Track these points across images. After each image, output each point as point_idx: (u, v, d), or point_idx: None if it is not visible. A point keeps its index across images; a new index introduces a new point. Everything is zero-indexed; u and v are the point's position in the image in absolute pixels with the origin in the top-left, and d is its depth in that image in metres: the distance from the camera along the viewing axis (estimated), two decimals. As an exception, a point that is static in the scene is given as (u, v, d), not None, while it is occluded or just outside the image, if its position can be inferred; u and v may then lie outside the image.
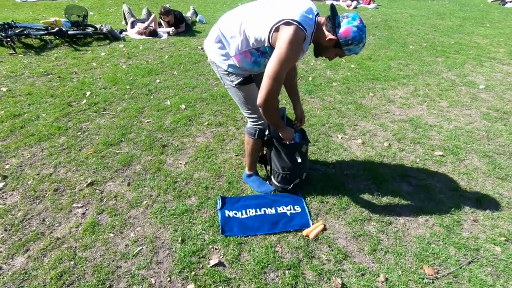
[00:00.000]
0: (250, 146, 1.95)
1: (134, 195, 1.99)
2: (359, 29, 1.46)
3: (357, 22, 1.46)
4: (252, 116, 1.81)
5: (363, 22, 1.49)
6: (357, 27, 1.46)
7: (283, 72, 1.46)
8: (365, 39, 1.50)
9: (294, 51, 1.43)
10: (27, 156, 2.28)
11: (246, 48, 1.56)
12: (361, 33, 1.47)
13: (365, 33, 1.49)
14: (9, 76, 3.50)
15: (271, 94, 1.49)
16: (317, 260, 1.62)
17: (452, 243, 1.74)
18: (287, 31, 1.40)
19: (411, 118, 3.01)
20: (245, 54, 1.58)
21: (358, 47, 1.50)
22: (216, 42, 1.65)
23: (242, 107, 1.81)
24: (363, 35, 1.48)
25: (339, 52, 1.55)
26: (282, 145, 1.85)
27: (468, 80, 3.89)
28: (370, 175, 2.24)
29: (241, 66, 1.63)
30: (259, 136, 1.87)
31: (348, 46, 1.50)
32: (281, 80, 1.48)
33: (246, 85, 1.72)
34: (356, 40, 1.47)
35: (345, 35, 1.47)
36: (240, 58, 1.60)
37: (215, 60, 1.68)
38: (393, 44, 5.17)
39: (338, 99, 3.32)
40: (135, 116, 2.85)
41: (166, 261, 1.59)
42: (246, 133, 1.90)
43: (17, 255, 1.59)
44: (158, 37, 5.01)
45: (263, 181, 2.09)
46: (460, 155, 2.49)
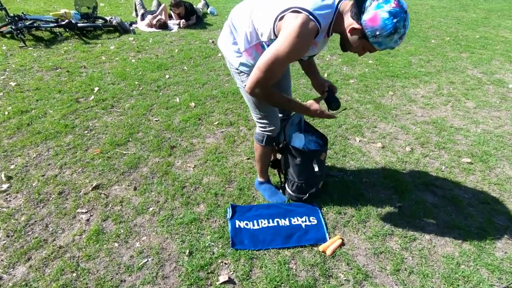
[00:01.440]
0: (259, 153, 1.81)
1: (141, 200, 1.90)
2: (392, 15, 1.12)
3: (391, 6, 1.12)
4: (261, 121, 1.67)
5: (404, 5, 1.13)
6: (390, 13, 1.12)
7: (278, 67, 1.26)
8: (402, 29, 1.15)
9: (297, 45, 1.20)
10: (32, 156, 2.21)
11: (256, 41, 1.40)
12: (395, 21, 1.12)
13: (402, 21, 1.13)
14: (18, 70, 3.45)
15: (255, 86, 1.31)
16: (335, 280, 1.49)
17: (485, 264, 1.58)
18: (292, 21, 1.19)
19: (434, 120, 2.81)
20: (256, 48, 1.42)
21: (392, 39, 1.17)
22: (229, 37, 1.51)
23: (252, 110, 1.67)
24: (398, 24, 1.13)
25: (367, 46, 1.24)
26: (298, 152, 1.71)
27: (496, 78, 3.63)
28: (391, 184, 2.08)
29: (253, 63, 1.46)
30: (267, 143, 1.73)
31: (376, 38, 1.18)
32: (272, 74, 1.28)
33: None
34: (387, 30, 1.14)
35: (371, 24, 1.16)
36: (251, 52, 1.44)
37: (228, 57, 1.55)
38: (414, 38, 4.89)
39: (356, 97, 3.13)
40: (143, 114, 2.75)
41: (173, 275, 1.50)
42: (254, 138, 1.77)
43: (19, 264, 1.52)
44: (168, 30, 4.88)
45: (276, 190, 1.95)
46: (490, 162, 2.29)
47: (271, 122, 1.67)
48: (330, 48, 4.38)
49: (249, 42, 1.42)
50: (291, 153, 1.73)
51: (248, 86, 1.35)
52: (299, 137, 1.78)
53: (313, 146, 1.80)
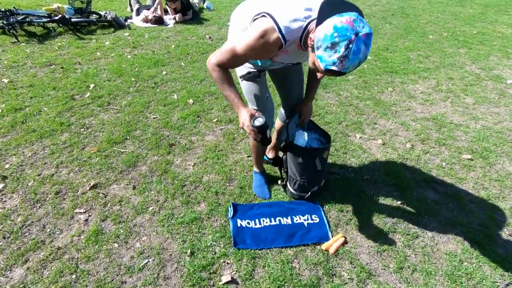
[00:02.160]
0: (251, 145, 1.86)
1: (140, 199, 1.86)
2: (335, 30, 1.00)
3: (340, 21, 1.00)
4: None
5: (356, 27, 1.00)
6: (335, 27, 1.00)
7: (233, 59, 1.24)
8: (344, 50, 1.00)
9: (253, 47, 1.19)
10: (28, 155, 2.16)
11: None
12: (335, 36, 0.99)
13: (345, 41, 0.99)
14: (11, 66, 3.36)
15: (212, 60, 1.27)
16: (339, 279, 1.48)
17: (487, 261, 1.58)
18: (258, 24, 1.20)
19: (434, 116, 2.80)
20: None
21: (329, 56, 1.03)
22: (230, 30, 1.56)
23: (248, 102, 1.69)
24: (338, 40, 0.99)
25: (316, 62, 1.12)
26: (301, 150, 1.69)
27: (494, 74, 3.63)
28: (393, 181, 2.07)
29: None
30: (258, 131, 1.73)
31: (318, 51, 1.06)
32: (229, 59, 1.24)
33: (249, 81, 1.60)
34: (325, 42, 1.02)
35: (317, 34, 1.05)
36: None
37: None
38: (412, 33, 4.88)
39: (355, 94, 3.12)
40: (141, 111, 2.70)
41: (174, 276, 1.47)
42: None
43: (16, 267, 1.48)
44: (165, 25, 4.80)
45: (264, 183, 1.95)
46: (490, 158, 2.30)
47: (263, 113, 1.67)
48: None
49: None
50: (294, 152, 1.71)
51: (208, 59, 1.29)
52: (302, 135, 1.76)
53: (316, 144, 1.77)
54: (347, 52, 1.01)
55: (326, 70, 1.10)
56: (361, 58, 1.04)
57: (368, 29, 1.03)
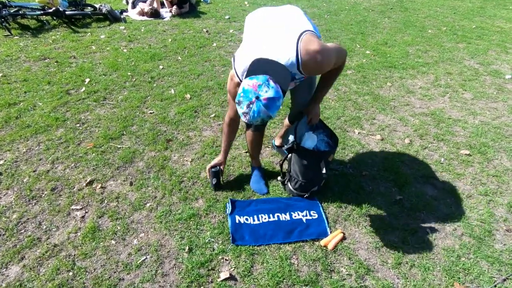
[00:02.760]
0: (248, 139, 1.87)
1: (137, 196, 1.84)
2: (242, 91, 1.21)
3: (247, 84, 1.20)
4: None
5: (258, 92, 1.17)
6: (242, 88, 1.21)
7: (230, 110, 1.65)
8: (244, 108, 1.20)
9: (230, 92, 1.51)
10: (22, 151, 2.13)
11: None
12: (240, 95, 1.21)
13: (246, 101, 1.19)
14: (4, 60, 3.30)
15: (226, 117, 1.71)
16: (337, 275, 1.48)
17: (484, 256, 1.59)
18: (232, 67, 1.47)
19: (433, 111, 2.80)
20: None
21: (239, 111, 1.24)
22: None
23: None
24: (241, 99, 1.20)
25: None
26: (308, 153, 1.67)
27: (493, 69, 3.62)
28: (391, 176, 2.07)
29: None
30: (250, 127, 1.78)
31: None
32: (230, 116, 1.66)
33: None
34: (236, 99, 1.23)
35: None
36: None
37: None
38: (410, 28, 4.85)
39: (354, 89, 3.10)
40: (137, 106, 2.66)
41: (173, 273, 1.46)
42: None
43: (12, 264, 1.47)
44: (161, 18, 4.73)
45: (261, 179, 1.94)
46: (488, 154, 2.30)
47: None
48: (327, 38, 4.31)
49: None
50: (300, 153, 1.69)
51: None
52: (311, 137, 1.73)
53: (324, 146, 1.75)
54: (248, 110, 1.21)
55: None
56: (263, 117, 1.21)
57: (272, 93, 1.18)
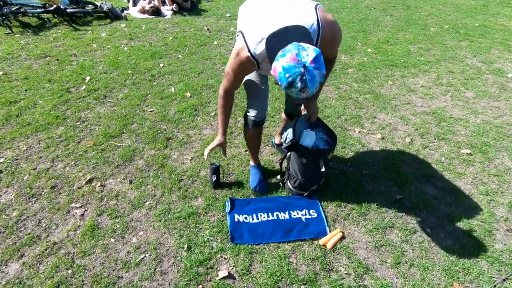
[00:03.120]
0: (244, 133, 1.86)
1: (137, 194, 1.85)
2: (285, 70, 1.08)
3: (285, 61, 1.08)
4: (247, 100, 1.75)
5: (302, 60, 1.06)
6: (283, 68, 1.08)
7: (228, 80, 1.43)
8: (299, 83, 1.08)
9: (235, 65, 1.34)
10: (23, 148, 2.13)
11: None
12: (288, 76, 1.08)
13: (297, 76, 1.07)
14: (5, 58, 3.30)
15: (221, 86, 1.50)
16: (336, 274, 1.48)
17: (484, 256, 1.58)
18: (237, 42, 1.35)
19: (434, 110, 2.78)
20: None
21: (292, 92, 1.13)
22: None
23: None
24: (291, 78, 1.08)
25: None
26: (306, 151, 1.67)
27: (495, 67, 3.59)
28: (391, 175, 2.06)
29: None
30: (248, 124, 1.76)
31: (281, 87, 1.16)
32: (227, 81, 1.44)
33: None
34: (282, 83, 1.11)
35: (274, 74, 1.14)
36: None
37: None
38: (412, 26, 4.81)
39: (355, 87, 3.08)
40: (138, 104, 2.66)
41: (171, 271, 1.47)
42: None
43: (11, 261, 1.47)
44: (162, 16, 4.72)
45: (261, 178, 1.91)
46: (490, 153, 2.28)
47: (253, 104, 1.69)
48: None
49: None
50: (299, 151, 1.69)
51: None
52: (310, 135, 1.73)
53: (323, 144, 1.75)
54: (303, 83, 1.09)
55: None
56: (320, 80, 1.11)
57: (313, 53, 1.08)
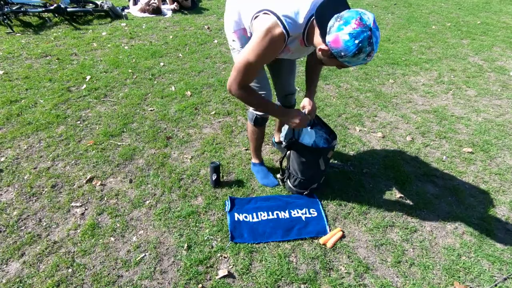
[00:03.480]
0: (249, 132, 1.85)
1: (137, 193, 1.85)
2: (353, 37, 1.08)
3: (351, 28, 1.08)
4: None
5: (367, 23, 1.08)
6: (351, 35, 1.08)
7: (249, 69, 1.30)
8: (368, 47, 1.10)
9: (263, 49, 1.23)
10: (23, 148, 2.14)
11: (243, 26, 1.48)
12: (357, 42, 1.08)
13: (366, 40, 1.08)
14: (6, 57, 3.31)
15: (233, 85, 1.35)
16: (336, 273, 1.48)
17: (485, 255, 1.58)
18: (261, 23, 1.23)
19: (435, 108, 2.76)
20: (243, 31, 1.50)
21: (358, 58, 1.13)
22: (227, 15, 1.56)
23: None
24: (361, 44, 1.09)
25: (339, 63, 1.22)
26: (306, 150, 1.66)
27: (497, 65, 3.57)
28: (392, 174, 2.06)
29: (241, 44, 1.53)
30: (256, 123, 1.75)
31: (342, 58, 1.15)
32: (247, 75, 1.33)
33: None
34: (350, 51, 1.10)
35: (335, 46, 1.13)
36: (239, 35, 1.52)
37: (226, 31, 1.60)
38: (414, 23, 4.79)
39: (356, 86, 3.07)
40: (138, 103, 2.66)
41: (171, 270, 1.47)
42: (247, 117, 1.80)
43: (12, 260, 1.48)
44: (162, 15, 4.71)
45: (268, 173, 1.96)
46: (491, 152, 2.27)
47: None
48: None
49: (237, 25, 1.50)
50: (299, 150, 1.68)
51: (227, 86, 1.38)
52: (309, 133, 1.72)
53: (322, 143, 1.74)
54: (371, 46, 1.11)
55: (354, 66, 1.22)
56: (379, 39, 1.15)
57: (371, 14, 1.12)
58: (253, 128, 1.78)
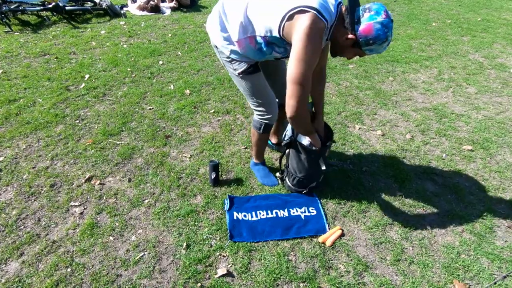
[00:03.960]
0: (256, 139, 1.81)
1: (136, 192, 1.85)
2: (383, 26, 1.22)
3: (382, 17, 1.22)
4: (259, 109, 1.65)
5: (390, 15, 1.25)
6: (382, 24, 1.22)
7: (308, 72, 1.25)
8: (390, 37, 1.26)
9: (314, 45, 1.22)
10: (22, 147, 2.14)
11: (251, 34, 1.35)
12: (386, 30, 1.23)
13: (390, 30, 1.25)
14: (4, 56, 3.30)
15: (300, 102, 1.28)
16: (335, 272, 1.48)
17: (485, 253, 1.57)
18: (303, 22, 1.19)
19: (435, 106, 2.75)
20: (250, 40, 1.38)
21: (382, 46, 1.28)
22: (217, 24, 1.44)
23: (248, 99, 1.65)
24: (388, 32, 1.24)
25: (359, 52, 1.34)
26: (305, 150, 1.65)
27: (498, 62, 3.56)
28: (391, 172, 2.05)
29: (244, 53, 1.43)
30: (264, 130, 1.72)
31: (369, 46, 1.27)
32: (308, 82, 1.27)
33: (251, 74, 1.53)
34: (380, 39, 1.24)
35: (365, 34, 1.24)
36: (244, 43, 1.39)
37: (218, 45, 1.49)
38: (414, 21, 4.76)
39: (355, 84, 3.06)
40: (137, 102, 2.66)
41: (170, 269, 1.47)
42: (252, 125, 1.76)
43: (11, 260, 1.48)
44: (161, 13, 4.69)
45: (269, 172, 1.96)
46: (491, 149, 2.26)
47: (268, 109, 1.65)
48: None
49: (243, 33, 1.37)
50: (297, 149, 1.68)
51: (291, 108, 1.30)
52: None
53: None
54: (392, 36, 1.27)
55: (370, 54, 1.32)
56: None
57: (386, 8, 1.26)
58: (260, 135, 1.77)
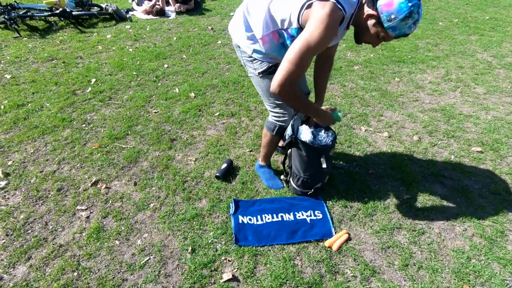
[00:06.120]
0: (267, 140, 1.80)
1: (141, 196, 1.85)
2: (411, 6, 1.13)
3: None
4: (275, 110, 1.64)
5: None
6: (409, 4, 1.13)
7: (307, 57, 1.21)
8: (416, 14, 1.15)
9: (326, 33, 1.17)
10: (30, 151, 2.16)
11: (274, 28, 1.36)
12: (410, 5, 1.13)
13: (416, 6, 1.14)
14: (13, 61, 3.35)
15: (287, 80, 1.23)
16: (342, 276, 1.46)
17: (496, 258, 1.54)
18: (320, 9, 1.16)
19: (443, 107, 2.71)
20: (273, 35, 1.38)
21: (406, 24, 1.17)
22: (242, 24, 1.46)
23: (265, 99, 1.64)
24: (413, 8, 1.14)
25: (382, 33, 1.24)
26: (306, 148, 1.64)
27: (507, 61, 3.49)
28: (398, 175, 2.02)
29: (267, 51, 1.44)
30: (278, 133, 1.71)
31: (391, 23, 1.18)
32: (303, 66, 1.23)
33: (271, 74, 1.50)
34: (402, 13, 1.14)
35: (387, 8, 1.16)
36: (268, 39, 1.40)
37: (240, 44, 1.50)
38: (420, 20, 4.70)
39: (361, 85, 3.03)
40: (142, 105, 2.67)
41: (176, 273, 1.46)
42: (265, 126, 1.76)
43: (19, 264, 1.49)
44: (166, 17, 4.72)
45: (274, 175, 1.95)
46: (501, 151, 2.22)
47: (286, 110, 1.64)
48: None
49: (267, 29, 1.37)
50: (298, 148, 1.66)
51: (276, 83, 1.25)
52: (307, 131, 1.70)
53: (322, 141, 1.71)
54: (418, 15, 1.17)
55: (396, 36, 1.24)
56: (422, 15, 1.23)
57: None
58: (273, 137, 1.76)
